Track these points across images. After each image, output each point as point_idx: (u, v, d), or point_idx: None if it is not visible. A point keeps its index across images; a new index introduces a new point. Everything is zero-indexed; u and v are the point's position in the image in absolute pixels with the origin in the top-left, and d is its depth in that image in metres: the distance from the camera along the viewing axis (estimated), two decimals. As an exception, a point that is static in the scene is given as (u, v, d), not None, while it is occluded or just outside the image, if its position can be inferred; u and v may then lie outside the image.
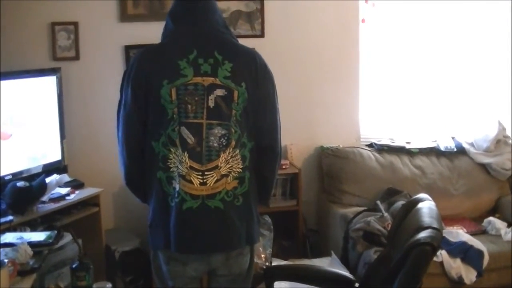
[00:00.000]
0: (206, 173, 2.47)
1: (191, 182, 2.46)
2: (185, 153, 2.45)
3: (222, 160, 2.48)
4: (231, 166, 2.50)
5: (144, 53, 2.61)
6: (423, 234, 2.34)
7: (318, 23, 4.98)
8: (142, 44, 4.36)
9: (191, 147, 2.46)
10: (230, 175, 2.50)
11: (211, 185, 2.47)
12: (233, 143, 2.50)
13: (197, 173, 2.46)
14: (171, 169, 2.47)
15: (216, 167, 2.48)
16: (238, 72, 2.50)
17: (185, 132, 2.46)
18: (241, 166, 2.53)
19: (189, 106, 2.45)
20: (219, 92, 2.47)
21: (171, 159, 2.46)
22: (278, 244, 4.47)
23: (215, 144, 2.47)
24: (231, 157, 2.50)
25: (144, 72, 2.49)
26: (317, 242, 4.91)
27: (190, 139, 2.45)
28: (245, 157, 2.55)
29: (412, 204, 2.76)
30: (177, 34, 2.56)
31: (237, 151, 2.51)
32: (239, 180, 2.53)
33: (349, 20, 5.05)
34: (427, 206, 2.65)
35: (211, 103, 2.47)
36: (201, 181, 2.46)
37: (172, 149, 2.46)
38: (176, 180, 2.46)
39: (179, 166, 2.45)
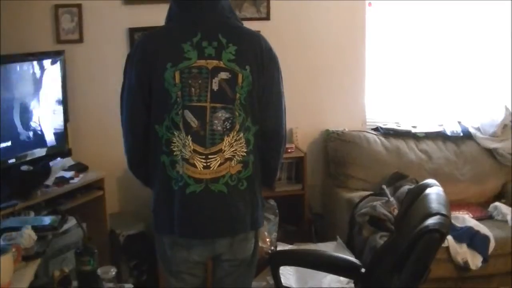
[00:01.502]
0: (209, 156, 2.45)
1: (194, 165, 2.44)
2: (189, 136, 2.43)
3: (226, 144, 2.46)
4: (235, 150, 2.48)
5: (149, 36, 2.59)
6: (431, 221, 2.32)
7: (324, 6, 4.93)
8: (147, 26, 4.35)
9: (195, 131, 2.44)
10: (234, 158, 2.48)
11: (215, 168, 2.45)
12: (237, 126, 2.48)
13: (200, 156, 2.44)
14: (175, 153, 2.45)
15: (220, 150, 2.46)
16: (242, 55, 2.48)
17: (188, 115, 2.44)
18: (245, 150, 2.51)
19: (193, 89, 2.43)
20: (223, 75, 2.45)
21: (175, 142, 2.45)
22: (283, 228, 4.45)
23: (219, 128, 2.45)
24: (235, 140, 2.48)
25: (148, 55, 2.47)
26: (323, 227, 4.90)
27: (194, 122, 2.44)
28: (249, 141, 2.52)
29: (420, 189, 2.73)
30: (181, 18, 2.53)
31: (241, 134, 2.49)
32: (243, 164, 2.51)
33: (356, 3, 4.99)
34: (435, 192, 2.63)
35: (215, 86, 2.45)
36: (205, 164, 2.44)
37: (175, 133, 2.44)
38: (180, 163, 2.45)
39: (183, 150, 2.44)
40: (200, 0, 2.51)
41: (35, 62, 4.04)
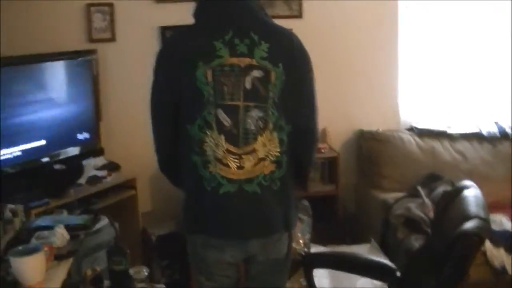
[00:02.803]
0: (243, 156, 2.41)
1: (227, 165, 2.40)
2: (222, 136, 2.39)
3: (259, 143, 2.42)
4: (269, 150, 2.44)
5: (179, 34, 2.58)
6: (470, 224, 2.26)
7: (357, 3, 4.88)
8: (178, 25, 4.33)
9: (228, 130, 2.40)
10: (268, 158, 2.44)
11: (248, 169, 2.42)
12: (271, 126, 2.43)
13: (234, 156, 2.40)
14: (207, 153, 2.41)
15: (253, 150, 2.42)
16: (275, 52, 2.42)
17: (221, 114, 2.39)
18: (279, 150, 2.46)
19: (226, 88, 2.39)
20: (256, 73, 2.40)
21: (207, 142, 2.41)
22: (316, 229, 4.41)
23: (252, 127, 2.41)
24: (269, 140, 2.44)
25: (178, 54, 2.45)
26: (356, 228, 4.85)
27: (227, 121, 2.39)
28: (282, 141, 2.47)
29: (457, 191, 2.67)
30: (211, 14, 2.50)
31: (275, 134, 2.45)
32: (276, 164, 2.47)
33: (389, 2, 4.94)
34: (472, 194, 2.57)
35: (248, 85, 2.40)
36: (238, 164, 2.41)
37: (208, 132, 2.40)
38: (213, 163, 2.41)
39: (216, 150, 2.40)
40: None
41: (67, 61, 4.06)
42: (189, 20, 2.67)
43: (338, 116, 4.95)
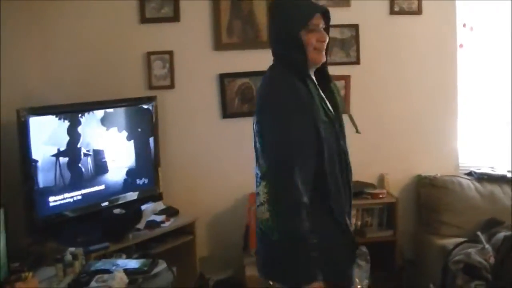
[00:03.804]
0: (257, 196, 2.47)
1: None
2: None
3: (261, 188, 2.39)
4: (266, 197, 2.38)
5: None
6: (532, 270, 2.22)
7: (415, 48, 4.87)
8: (237, 72, 4.41)
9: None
10: (264, 205, 2.38)
11: (257, 209, 2.44)
12: (261, 174, 2.40)
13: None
14: None
15: (258, 193, 2.42)
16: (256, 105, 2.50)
17: None
18: (265, 199, 2.39)
19: None
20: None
21: None
22: (374, 275, 4.36)
23: (258, 171, 2.44)
24: (264, 187, 2.38)
25: None
26: (414, 274, 4.76)
27: None
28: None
29: (519, 236, 2.62)
30: None
31: (264, 183, 2.39)
32: (269, 213, 2.37)
33: (447, 45, 4.91)
34: (535, 239, 2.52)
35: None
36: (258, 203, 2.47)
37: None
38: None
39: None
40: None
41: (128, 108, 4.15)
42: (246, 67, 2.72)
43: (396, 161, 4.90)
